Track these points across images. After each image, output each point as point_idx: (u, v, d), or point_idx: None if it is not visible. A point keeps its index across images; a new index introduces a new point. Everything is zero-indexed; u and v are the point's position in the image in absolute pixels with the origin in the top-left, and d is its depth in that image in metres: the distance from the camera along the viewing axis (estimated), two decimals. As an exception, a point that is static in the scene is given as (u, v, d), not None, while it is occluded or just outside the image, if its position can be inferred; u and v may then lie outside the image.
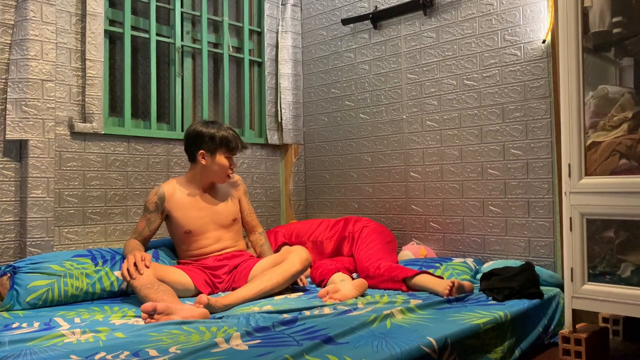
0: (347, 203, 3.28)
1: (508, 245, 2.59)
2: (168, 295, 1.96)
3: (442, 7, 2.85)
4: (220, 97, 3.23)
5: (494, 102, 2.64)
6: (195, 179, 2.41)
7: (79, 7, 2.55)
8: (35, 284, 2.01)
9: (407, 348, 1.44)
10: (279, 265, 2.23)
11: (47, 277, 2.05)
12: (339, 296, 2.10)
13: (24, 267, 2.05)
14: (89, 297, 2.13)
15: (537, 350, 2.03)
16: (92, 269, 2.17)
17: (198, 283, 2.21)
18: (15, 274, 2.02)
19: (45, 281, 2.03)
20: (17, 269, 2.04)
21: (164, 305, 1.79)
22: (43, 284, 2.02)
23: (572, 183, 1.93)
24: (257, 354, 1.37)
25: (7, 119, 2.29)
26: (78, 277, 2.11)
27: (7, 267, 2.07)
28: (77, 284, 2.10)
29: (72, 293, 2.08)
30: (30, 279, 2.02)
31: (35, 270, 2.05)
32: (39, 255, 2.19)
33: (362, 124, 3.20)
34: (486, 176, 2.67)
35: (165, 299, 1.91)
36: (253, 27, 3.41)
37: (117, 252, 2.32)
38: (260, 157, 3.33)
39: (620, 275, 1.84)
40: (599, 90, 1.90)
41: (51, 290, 2.03)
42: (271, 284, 2.14)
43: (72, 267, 2.13)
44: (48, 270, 2.07)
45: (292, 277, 2.22)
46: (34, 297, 2.00)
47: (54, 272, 2.07)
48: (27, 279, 2.02)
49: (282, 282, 2.18)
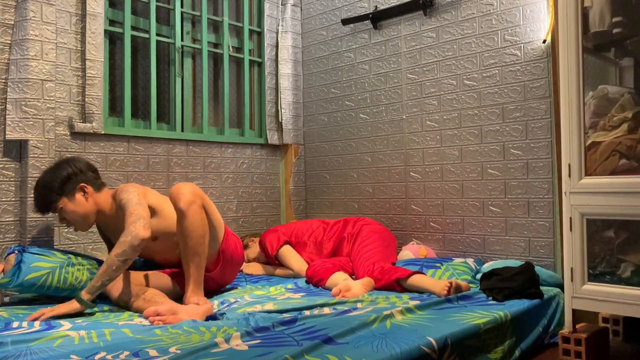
0: (347, 203, 3.28)
1: (508, 245, 2.59)
2: (161, 298, 1.95)
3: (442, 7, 2.85)
4: (220, 97, 3.23)
5: (494, 102, 2.64)
6: None
7: (79, 7, 2.55)
8: (37, 264, 2.03)
9: (407, 348, 1.44)
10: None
11: (51, 262, 2.06)
12: (351, 294, 2.13)
13: (32, 249, 2.08)
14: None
15: (537, 350, 2.03)
16: (96, 267, 2.17)
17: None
18: (23, 253, 2.04)
19: (48, 264, 2.05)
20: (25, 249, 2.07)
21: (168, 307, 1.78)
22: (45, 266, 2.04)
23: (572, 183, 1.93)
24: (257, 354, 1.37)
25: (7, 119, 2.29)
26: (80, 269, 2.11)
27: (18, 246, 2.10)
28: (77, 274, 2.10)
29: (70, 282, 2.07)
30: (34, 259, 2.04)
31: (41, 253, 2.08)
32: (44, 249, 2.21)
33: (362, 124, 3.20)
34: (486, 176, 2.66)
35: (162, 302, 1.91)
36: (253, 27, 3.41)
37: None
38: (260, 157, 3.33)
39: (620, 275, 1.84)
40: (599, 90, 1.90)
41: (51, 274, 2.04)
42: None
43: (78, 259, 2.15)
44: (53, 256, 2.09)
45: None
46: (34, 277, 2.00)
47: (58, 259, 2.08)
48: (31, 259, 2.04)
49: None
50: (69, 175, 2.07)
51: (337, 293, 2.16)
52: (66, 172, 2.08)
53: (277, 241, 2.75)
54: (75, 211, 2.08)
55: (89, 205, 2.10)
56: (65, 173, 2.07)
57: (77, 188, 2.08)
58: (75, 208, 2.08)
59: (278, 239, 2.77)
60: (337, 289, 2.18)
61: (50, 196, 2.05)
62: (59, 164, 2.11)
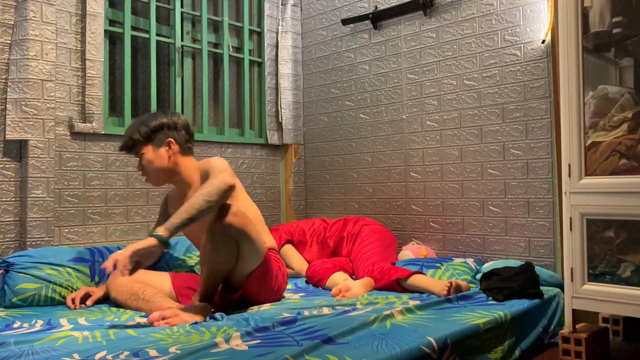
0: (347, 203, 3.28)
1: (508, 245, 2.59)
2: (160, 298, 1.93)
3: (442, 7, 2.85)
4: (220, 97, 3.23)
5: (494, 102, 2.64)
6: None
7: (79, 7, 2.55)
8: (22, 286, 2.01)
9: (407, 348, 1.44)
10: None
11: (37, 281, 2.03)
12: (351, 294, 2.13)
13: (18, 265, 2.05)
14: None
15: (537, 351, 2.03)
16: (87, 283, 2.16)
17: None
18: (8, 272, 2.02)
19: (34, 284, 2.03)
20: (11, 266, 2.04)
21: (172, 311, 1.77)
22: (31, 287, 2.02)
23: (572, 183, 1.93)
24: (257, 354, 1.37)
25: (7, 119, 2.29)
26: (67, 287, 2.09)
27: (2, 262, 2.07)
28: (65, 292, 2.08)
29: (58, 300, 2.07)
30: (19, 280, 2.02)
31: (27, 271, 2.04)
32: (40, 249, 2.19)
33: (362, 124, 3.20)
34: (486, 176, 2.66)
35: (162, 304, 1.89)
36: (253, 27, 3.41)
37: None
38: (260, 157, 3.33)
39: (620, 275, 1.84)
40: (599, 90, 1.90)
41: (37, 295, 2.03)
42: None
43: (66, 274, 2.11)
44: (40, 273, 2.05)
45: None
46: (20, 299, 2.00)
47: (45, 277, 2.05)
48: (17, 279, 2.02)
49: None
50: (161, 125, 2.03)
51: (337, 293, 2.16)
52: (160, 121, 2.04)
53: (278, 240, 2.75)
54: (152, 162, 2.03)
55: (168, 163, 2.04)
56: (159, 122, 2.03)
57: (164, 141, 2.04)
58: (153, 159, 2.03)
59: (280, 237, 2.77)
60: (337, 289, 2.18)
61: (136, 139, 2.02)
62: (159, 113, 2.08)
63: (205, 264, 1.86)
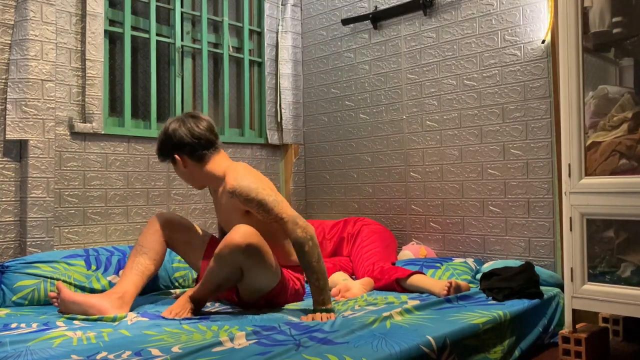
0: (347, 203, 3.28)
1: (508, 245, 2.59)
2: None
3: (442, 7, 2.85)
4: (220, 97, 3.23)
5: (494, 102, 2.64)
6: None
7: (79, 7, 2.55)
8: (20, 283, 2.04)
9: (406, 347, 1.44)
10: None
11: (34, 278, 2.06)
12: (350, 294, 2.13)
13: (13, 267, 2.07)
14: None
15: (537, 350, 2.03)
16: (84, 273, 2.16)
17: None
18: (4, 274, 2.05)
19: (32, 281, 2.05)
20: (6, 269, 2.06)
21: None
22: (29, 284, 2.04)
23: (572, 183, 1.93)
24: (258, 352, 1.37)
25: (7, 119, 2.29)
26: (66, 280, 2.10)
27: None
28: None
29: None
30: (17, 278, 2.05)
31: (22, 270, 2.07)
32: (34, 254, 2.20)
33: (362, 124, 3.20)
34: (486, 176, 2.67)
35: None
36: (253, 27, 3.41)
37: (117, 250, 2.32)
38: (260, 157, 3.33)
39: (620, 275, 1.84)
40: (599, 90, 1.90)
41: (37, 291, 2.05)
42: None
43: (62, 268, 2.12)
44: (36, 270, 2.08)
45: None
46: (20, 296, 2.03)
47: (41, 274, 2.08)
48: (14, 278, 2.04)
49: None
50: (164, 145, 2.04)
51: (336, 293, 2.16)
52: (161, 142, 2.04)
53: None
54: (177, 173, 2.11)
55: (187, 174, 2.07)
56: (160, 144, 2.04)
57: (172, 158, 2.04)
58: (176, 171, 2.10)
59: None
60: (337, 289, 2.18)
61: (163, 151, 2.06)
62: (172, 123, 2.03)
63: (206, 276, 1.86)
